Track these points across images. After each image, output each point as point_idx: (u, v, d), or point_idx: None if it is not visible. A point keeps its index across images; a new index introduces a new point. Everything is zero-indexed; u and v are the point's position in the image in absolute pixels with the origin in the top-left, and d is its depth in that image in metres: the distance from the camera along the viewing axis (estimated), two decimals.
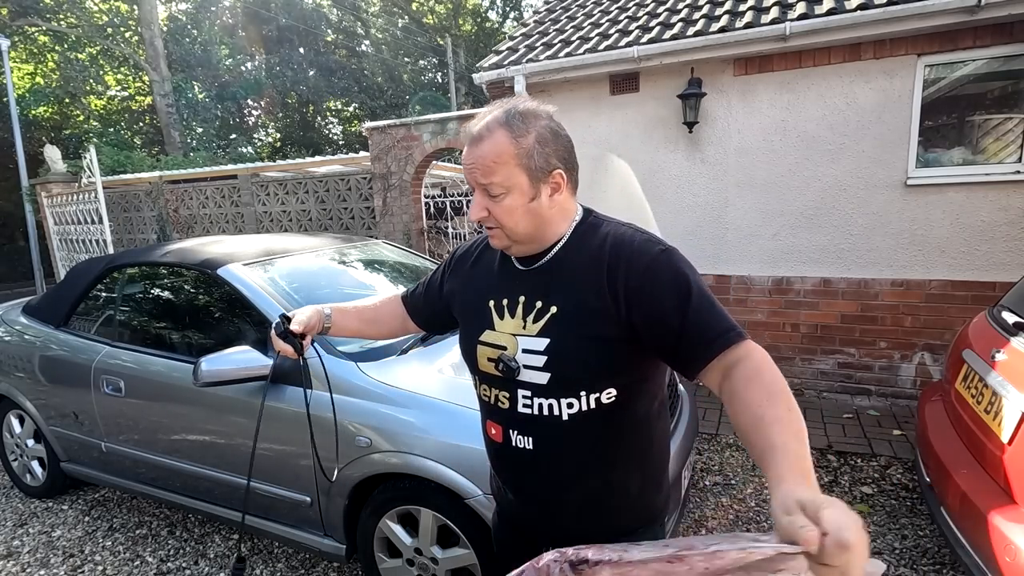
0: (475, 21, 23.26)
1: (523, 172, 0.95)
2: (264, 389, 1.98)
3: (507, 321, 1.02)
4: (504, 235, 1.00)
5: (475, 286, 1.12)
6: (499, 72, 4.60)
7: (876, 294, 3.98)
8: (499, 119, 0.96)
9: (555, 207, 0.99)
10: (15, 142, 12.18)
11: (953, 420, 2.26)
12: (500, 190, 0.95)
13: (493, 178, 0.95)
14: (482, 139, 0.96)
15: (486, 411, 1.09)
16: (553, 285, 0.99)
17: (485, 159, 0.95)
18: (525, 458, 1.03)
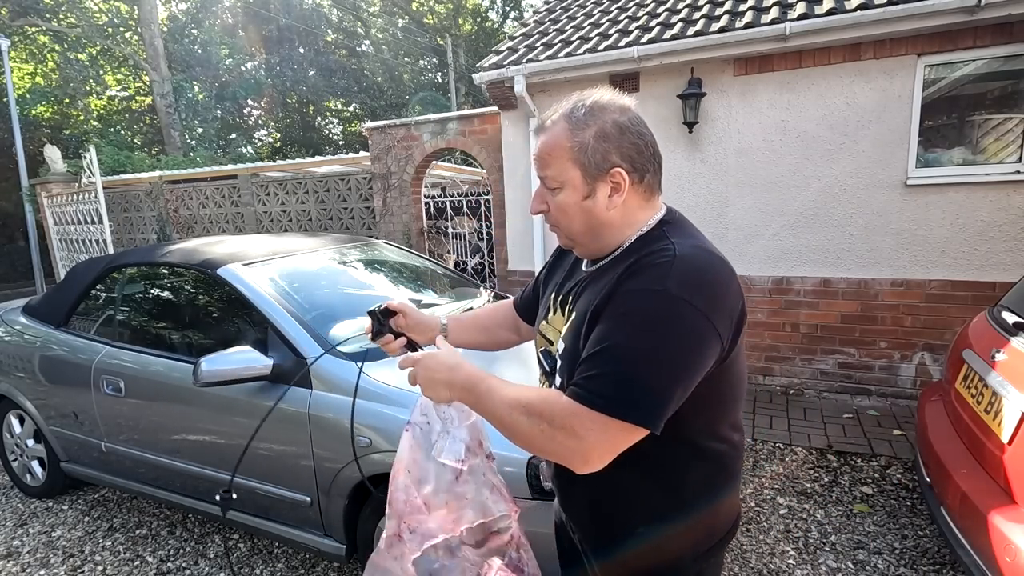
0: (475, 21, 23.27)
1: (577, 167, 0.91)
2: (282, 392, 1.98)
3: (557, 316, 1.04)
4: (562, 233, 0.99)
5: (553, 278, 1.15)
6: (499, 72, 4.60)
7: (876, 294, 3.98)
8: (566, 110, 0.93)
9: (615, 209, 0.92)
10: (15, 142, 12.18)
11: (953, 420, 2.26)
12: (555, 184, 0.93)
13: (548, 171, 0.93)
14: (545, 129, 0.94)
15: None
16: (590, 288, 0.96)
17: (542, 150, 0.93)
18: (556, 483, 1.09)
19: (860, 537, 2.52)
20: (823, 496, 2.86)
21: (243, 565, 2.54)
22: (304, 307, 2.34)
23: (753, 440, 3.46)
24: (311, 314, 2.31)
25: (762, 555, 2.43)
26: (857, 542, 2.49)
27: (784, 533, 2.58)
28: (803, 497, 2.86)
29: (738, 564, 2.38)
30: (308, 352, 2.13)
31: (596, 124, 0.90)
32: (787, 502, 2.82)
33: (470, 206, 6.04)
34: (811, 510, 2.74)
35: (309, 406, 2.07)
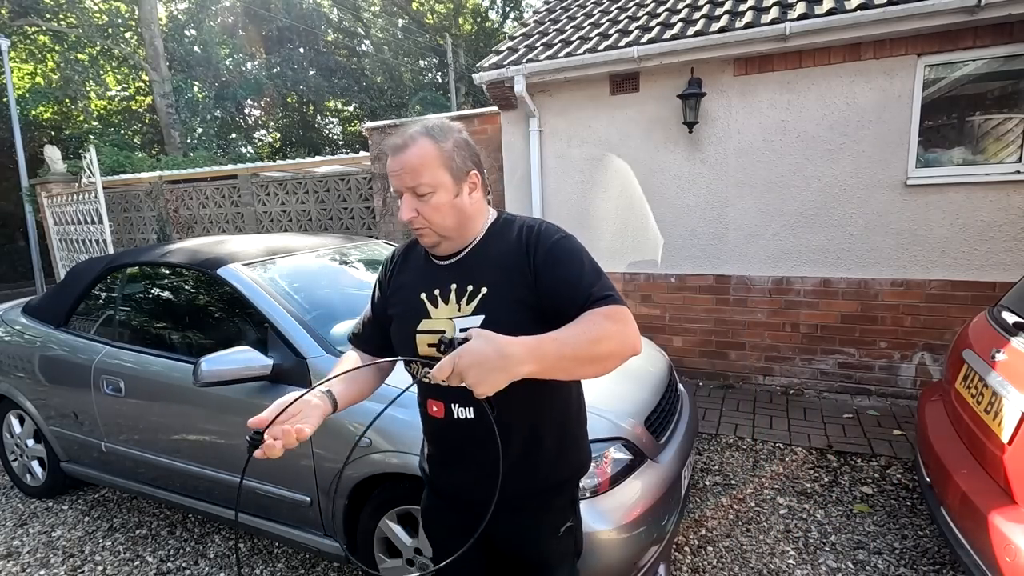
0: (475, 21, 23.26)
1: (447, 172, 1.10)
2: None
3: (441, 308, 1.15)
4: (433, 232, 1.12)
5: (407, 285, 1.23)
6: (499, 72, 4.60)
7: (876, 294, 3.98)
8: (420, 131, 1.11)
9: (474, 204, 1.15)
10: (15, 142, 12.19)
11: (953, 420, 2.26)
12: (427, 189, 1.08)
13: (421, 179, 1.08)
14: (407, 146, 1.09)
15: (426, 391, 1.20)
16: (477, 271, 1.14)
17: (411, 162, 1.08)
18: (468, 427, 1.15)
19: (860, 537, 2.52)
20: (823, 496, 2.86)
21: (243, 565, 2.54)
22: (304, 307, 2.34)
23: (753, 440, 3.46)
24: (311, 314, 2.32)
25: (762, 555, 2.43)
26: (857, 542, 2.49)
27: (784, 533, 2.58)
28: (803, 497, 2.86)
29: (738, 564, 2.38)
30: (308, 352, 2.13)
31: (451, 138, 1.12)
32: (787, 502, 2.82)
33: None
34: (811, 510, 2.74)
35: None
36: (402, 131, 1.13)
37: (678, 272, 4.55)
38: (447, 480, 1.27)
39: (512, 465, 1.14)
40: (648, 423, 2.12)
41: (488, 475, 1.13)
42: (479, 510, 1.17)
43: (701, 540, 2.55)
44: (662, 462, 2.05)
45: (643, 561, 1.85)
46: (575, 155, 4.73)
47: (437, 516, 1.31)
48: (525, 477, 1.17)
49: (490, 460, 1.12)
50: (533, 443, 1.17)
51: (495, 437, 1.10)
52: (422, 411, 1.25)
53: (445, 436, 1.22)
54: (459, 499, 1.25)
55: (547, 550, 1.25)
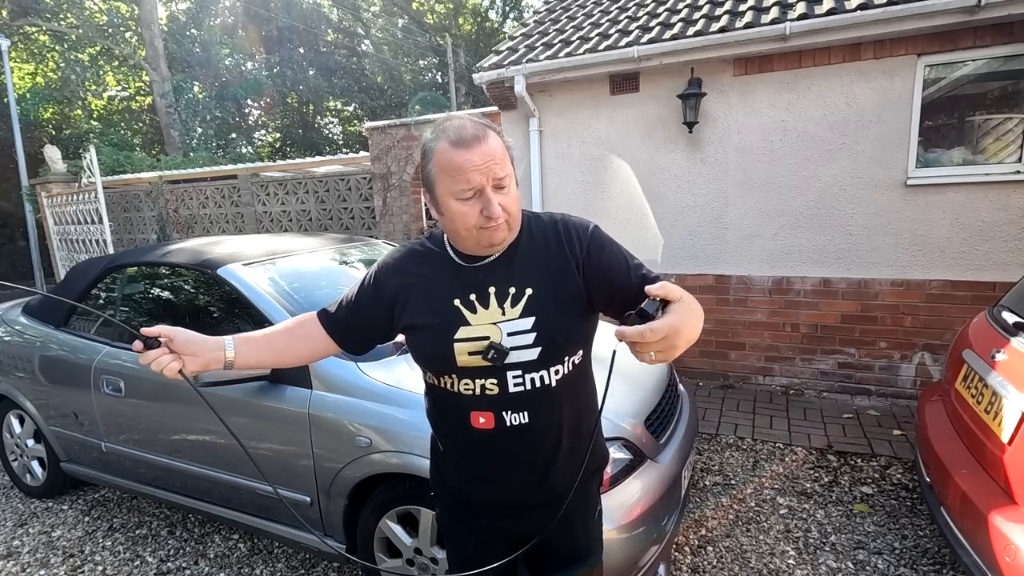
0: (475, 21, 23.26)
1: (511, 164, 1.06)
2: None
3: (481, 313, 1.08)
4: (508, 226, 1.05)
5: (435, 292, 1.11)
6: (499, 72, 4.60)
7: (876, 294, 3.98)
8: (478, 121, 1.03)
9: None
10: (15, 142, 12.18)
11: (953, 420, 2.26)
12: (510, 180, 1.04)
13: (507, 169, 1.03)
14: (486, 136, 1.00)
15: (470, 403, 1.11)
16: (518, 271, 1.09)
17: (497, 152, 1.00)
18: (522, 432, 1.11)
19: (860, 537, 2.52)
20: (823, 496, 2.86)
21: (243, 565, 2.54)
22: (304, 307, 2.34)
23: (753, 440, 3.47)
24: None
25: (762, 555, 2.43)
26: (857, 542, 2.49)
27: (784, 533, 2.58)
28: (803, 497, 2.86)
29: (738, 564, 2.38)
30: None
31: (504, 137, 1.08)
32: (787, 502, 2.82)
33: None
34: (811, 510, 2.74)
35: (309, 406, 2.07)
36: (460, 122, 1.02)
37: (678, 272, 4.55)
38: (493, 495, 1.18)
39: (563, 461, 1.15)
40: (648, 423, 2.12)
41: (542, 477, 1.15)
42: (529, 514, 1.19)
43: (701, 540, 2.55)
44: (662, 462, 2.05)
45: (643, 561, 1.85)
46: (575, 155, 4.73)
47: (471, 531, 1.24)
48: (573, 470, 1.16)
49: (542, 462, 1.14)
50: (577, 436, 1.17)
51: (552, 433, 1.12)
52: (457, 428, 1.15)
53: (494, 447, 1.13)
54: (505, 508, 1.19)
55: (589, 538, 1.26)
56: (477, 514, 1.22)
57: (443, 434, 1.21)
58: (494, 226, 1.03)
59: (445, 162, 1.00)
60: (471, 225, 1.02)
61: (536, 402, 1.09)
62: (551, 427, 1.12)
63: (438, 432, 1.22)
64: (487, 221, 1.01)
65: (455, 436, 1.18)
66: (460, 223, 1.02)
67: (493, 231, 1.03)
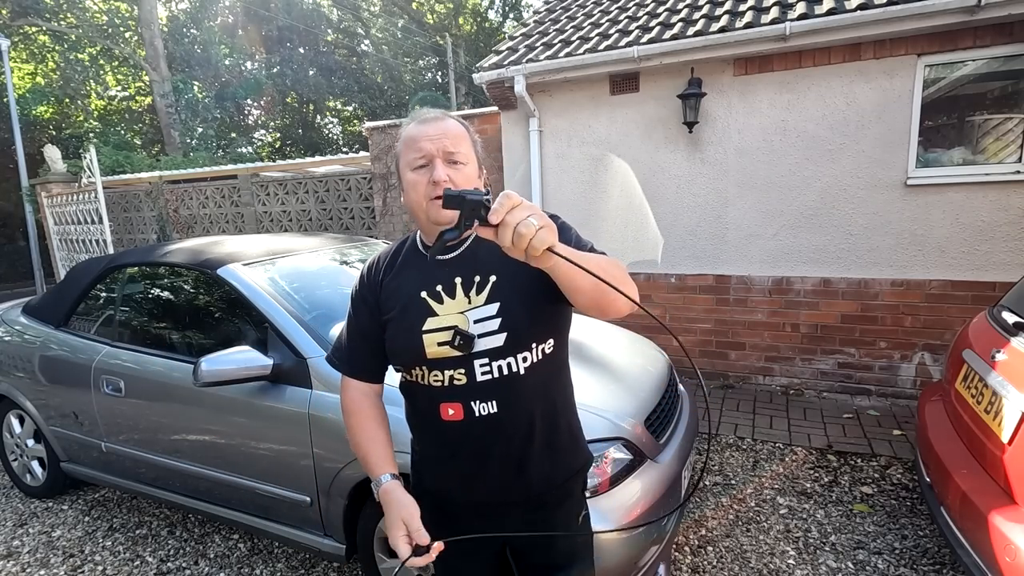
0: (475, 21, 23.25)
1: (474, 155, 1.11)
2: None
3: (448, 304, 1.09)
4: None
5: (402, 287, 1.15)
6: (499, 72, 4.60)
7: (876, 294, 3.98)
8: (442, 114, 1.11)
9: None
10: (15, 142, 12.18)
11: (953, 420, 2.26)
12: (464, 159, 1.07)
13: (460, 147, 1.07)
14: (444, 118, 1.09)
15: (439, 395, 1.11)
16: (481, 261, 1.10)
17: (453, 131, 1.07)
18: (491, 423, 1.09)
19: (860, 537, 2.52)
20: (823, 496, 2.86)
21: (243, 565, 2.54)
22: (304, 307, 2.34)
23: (753, 440, 3.47)
24: (311, 314, 2.32)
25: (762, 555, 2.43)
26: (857, 542, 2.49)
27: (784, 533, 2.58)
28: (803, 497, 2.86)
29: (738, 564, 2.38)
30: (308, 352, 2.13)
31: (472, 132, 1.14)
32: (787, 502, 2.82)
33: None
34: (811, 510, 2.74)
35: (309, 406, 2.07)
36: (427, 109, 1.12)
37: (678, 272, 4.55)
38: (469, 493, 1.16)
39: (538, 455, 1.13)
40: (648, 423, 2.12)
41: (517, 471, 1.13)
42: (508, 514, 1.15)
43: (701, 540, 2.55)
44: (662, 462, 2.05)
45: (643, 561, 1.85)
46: (575, 155, 4.73)
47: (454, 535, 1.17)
48: (549, 467, 1.15)
49: (515, 454, 1.12)
50: (552, 430, 1.15)
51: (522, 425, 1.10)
52: (428, 422, 1.15)
53: (465, 439, 1.12)
54: (484, 508, 1.17)
55: (572, 544, 1.23)
56: (457, 517, 1.18)
57: (417, 431, 1.21)
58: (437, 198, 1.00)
59: (406, 137, 1.09)
60: (421, 196, 1.06)
61: (504, 391, 1.08)
62: (521, 417, 1.11)
63: (413, 431, 1.22)
64: (433, 189, 1.03)
65: (428, 431, 1.18)
66: (412, 195, 1.07)
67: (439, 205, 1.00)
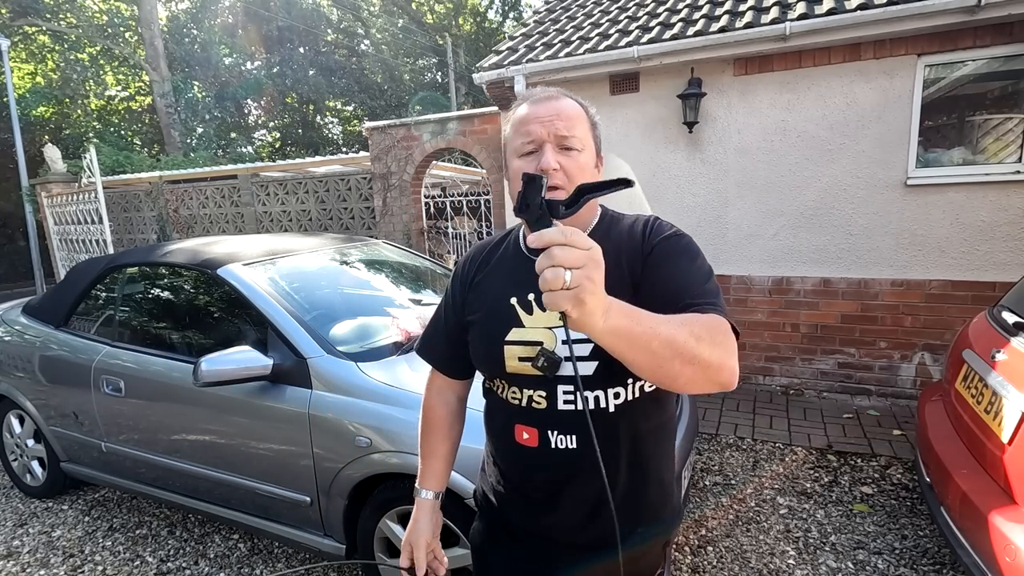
0: (475, 21, 23.26)
1: (592, 139, 0.97)
2: None
3: (538, 315, 0.95)
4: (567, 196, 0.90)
5: (492, 287, 1.03)
6: (499, 72, 4.60)
7: (876, 294, 3.98)
8: (559, 91, 0.98)
9: None
10: (15, 142, 12.18)
11: (953, 420, 2.26)
12: (579, 144, 0.93)
13: (575, 131, 0.93)
14: (559, 97, 0.95)
15: (515, 415, 0.99)
16: None
17: (568, 111, 0.94)
18: (569, 458, 0.96)
19: (860, 537, 2.52)
20: (823, 496, 2.86)
21: (243, 565, 2.54)
22: (304, 307, 2.34)
23: (753, 440, 3.46)
24: (311, 314, 2.32)
25: (762, 555, 2.43)
26: (857, 542, 2.49)
27: (784, 533, 2.58)
28: (803, 497, 2.86)
29: (738, 564, 2.38)
30: (308, 352, 2.13)
31: (593, 113, 1.00)
32: (787, 502, 2.82)
33: (470, 206, 6.04)
34: (811, 510, 2.74)
35: (309, 406, 2.07)
36: (541, 88, 0.99)
37: None
38: (534, 521, 1.04)
39: (619, 503, 0.96)
40: None
41: (591, 516, 0.98)
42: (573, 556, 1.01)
43: (701, 540, 2.55)
44: None
45: None
46: None
47: (508, 560, 1.09)
48: (630, 519, 0.99)
49: (592, 497, 0.97)
50: (640, 480, 1.00)
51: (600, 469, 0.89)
52: (503, 439, 1.04)
53: (537, 469, 0.99)
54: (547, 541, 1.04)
55: None
56: (517, 539, 1.07)
57: (493, 442, 1.10)
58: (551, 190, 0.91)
59: (515, 120, 0.96)
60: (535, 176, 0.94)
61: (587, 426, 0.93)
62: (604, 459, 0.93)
63: (490, 438, 1.12)
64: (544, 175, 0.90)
65: (501, 447, 1.07)
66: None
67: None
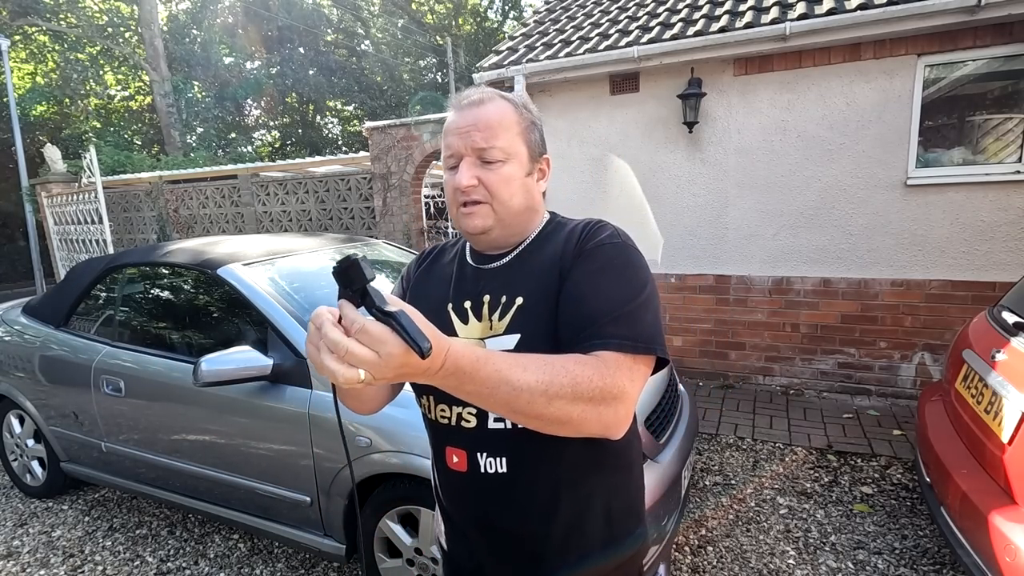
0: (475, 21, 23.25)
1: (524, 144, 0.89)
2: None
3: (472, 325, 0.90)
4: (491, 211, 0.87)
5: (431, 294, 0.97)
6: (499, 72, 4.60)
7: (876, 294, 3.98)
8: (496, 93, 0.90)
9: (538, 194, 0.94)
10: (15, 142, 12.17)
11: (953, 420, 2.26)
12: (501, 156, 0.86)
13: (496, 141, 0.86)
14: (484, 103, 0.87)
15: (444, 436, 0.92)
16: (518, 279, 0.89)
17: (489, 119, 0.86)
18: (498, 485, 0.87)
19: (860, 537, 2.52)
20: (823, 496, 2.86)
21: (243, 565, 2.54)
22: (304, 307, 2.34)
23: (753, 440, 3.46)
24: (311, 314, 2.31)
25: (762, 555, 2.43)
26: (857, 542, 2.49)
27: (784, 533, 2.58)
28: (803, 497, 2.86)
29: (738, 564, 2.38)
30: None
31: (530, 111, 0.92)
32: (787, 502, 2.82)
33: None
34: (811, 510, 2.74)
35: (309, 406, 2.07)
36: (471, 89, 0.92)
37: (678, 272, 4.55)
38: (469, 557, 0.96)
39: (559, 540, 0.88)
40: (648, 423, 2.12)
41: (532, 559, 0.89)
42: None
43: (701, 540, 2.55)
44: (662, 462, 2.05)
45: (643, 562, 1.85)
46: (575, 155, 4.73)
47: None
48: (574, 559, 0.89)
49: (528, 535, 0.88)
50: (582, 510, 0.89)
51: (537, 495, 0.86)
52: (437, 467, 0.97)
53: (468, 498, 0.92)
54: None
55: None
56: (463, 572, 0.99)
57: (433, 474, 1.01)
58: (467, 207, 0.87)
59: (444, 127, 0.91)
60: (451, 202, 0.89)
61: (518, 447, 0.85)
62: (537, 485, 0.87)
63: (432, 471, 1.03)
64: (461, 196, 0.87)
65: (438, 477, 0.98)
66: (448, 198, 0.91)
67: (466, 214, 0.88)
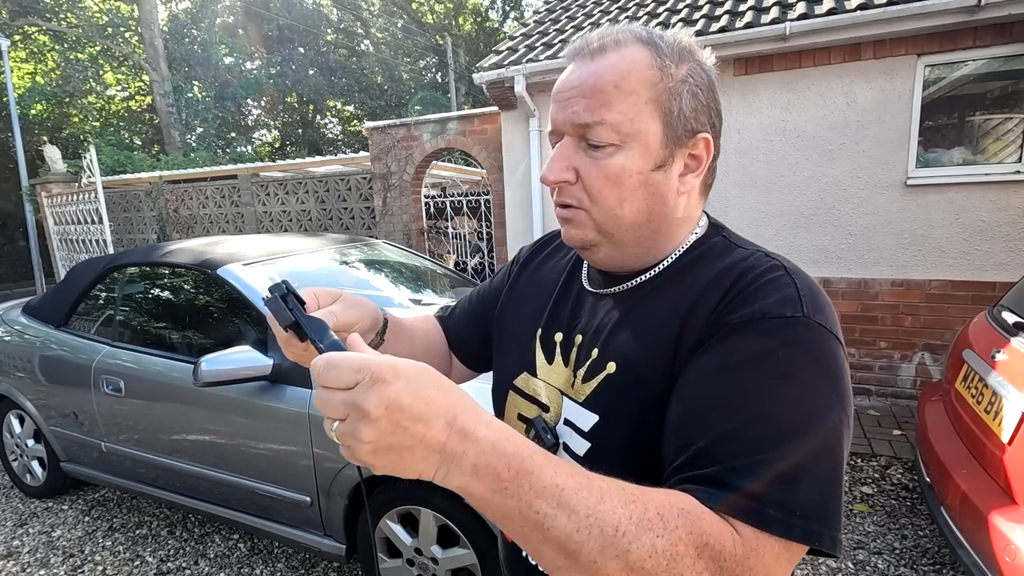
0: (475, 21, 23.26)
1: (658, 117, 0.58)
2: None
3: (557, 367, 0.68)
4: (589, 220, 0.61)
5: (526, 306, 0.76)
6: (499, 72, 4.60)
7: (876, 294, 3.98)
8: (637, 32, 0.62)
9: (684, 195, 0.61)
10: (15, 142, 12.18)
11: (953, 420, 2.26)
12: (611, 137, 0.57)
13: (606, 114, 0.57)
14: (605, 51, 0.60)
15: None
16: (623, 323, 0.62)
17: (602, 79, 0.58)
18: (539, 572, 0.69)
19: (860, 537, 2.52)
20: None
21: (243, 565, 2.54)
22: None
23: None
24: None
25: None
26: (857, 542, 2.49)
27: None
28: None
29: None
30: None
31: (688, 63, 0.60)
32: None
33: (470, 206, 6.04)
34: None
35: (310, 406, 2.07)
36: (602, 30, 0.66)
37: None
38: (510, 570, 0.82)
39: None
40: None
41: None
42: None
43: None
44: None
45: None
46: None
47: None
48: None
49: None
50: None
51: None
52: None
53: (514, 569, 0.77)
54: None
55: None
56: None
57: None
58: (561, 209, 0.63)
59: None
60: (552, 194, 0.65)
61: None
62: None
63: None
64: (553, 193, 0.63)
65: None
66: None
67: (561, 219, 0.64)
